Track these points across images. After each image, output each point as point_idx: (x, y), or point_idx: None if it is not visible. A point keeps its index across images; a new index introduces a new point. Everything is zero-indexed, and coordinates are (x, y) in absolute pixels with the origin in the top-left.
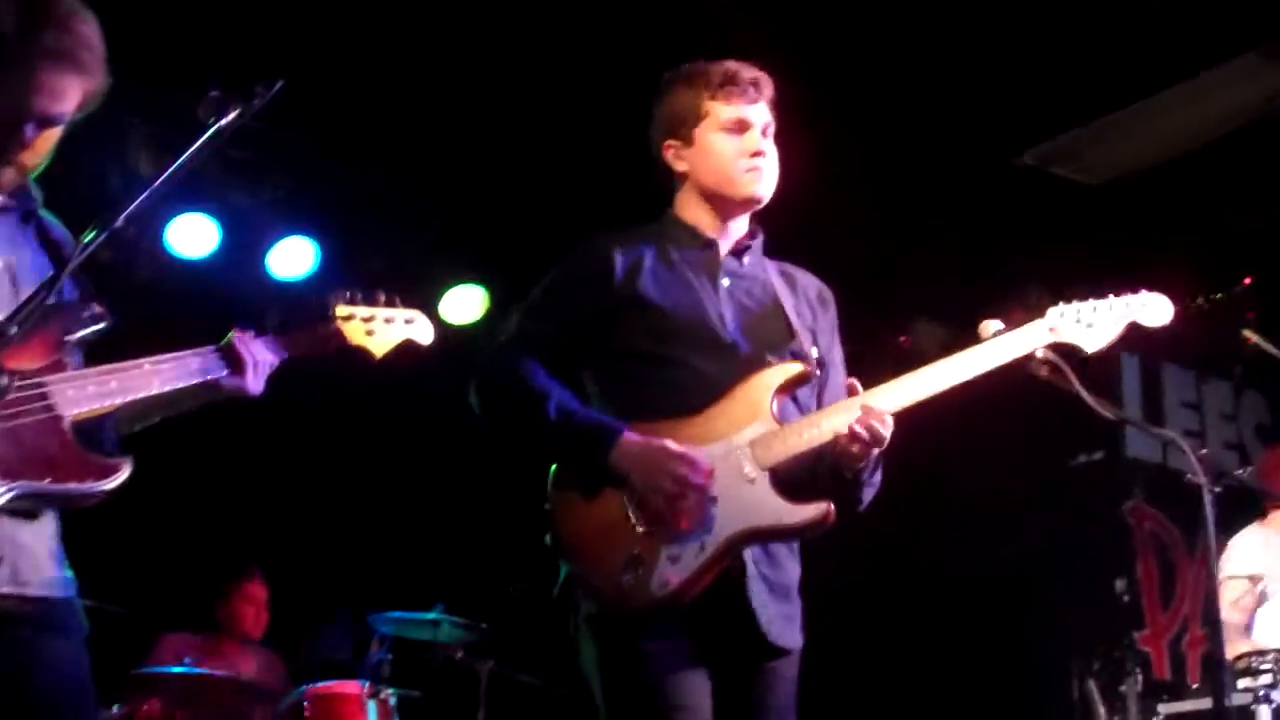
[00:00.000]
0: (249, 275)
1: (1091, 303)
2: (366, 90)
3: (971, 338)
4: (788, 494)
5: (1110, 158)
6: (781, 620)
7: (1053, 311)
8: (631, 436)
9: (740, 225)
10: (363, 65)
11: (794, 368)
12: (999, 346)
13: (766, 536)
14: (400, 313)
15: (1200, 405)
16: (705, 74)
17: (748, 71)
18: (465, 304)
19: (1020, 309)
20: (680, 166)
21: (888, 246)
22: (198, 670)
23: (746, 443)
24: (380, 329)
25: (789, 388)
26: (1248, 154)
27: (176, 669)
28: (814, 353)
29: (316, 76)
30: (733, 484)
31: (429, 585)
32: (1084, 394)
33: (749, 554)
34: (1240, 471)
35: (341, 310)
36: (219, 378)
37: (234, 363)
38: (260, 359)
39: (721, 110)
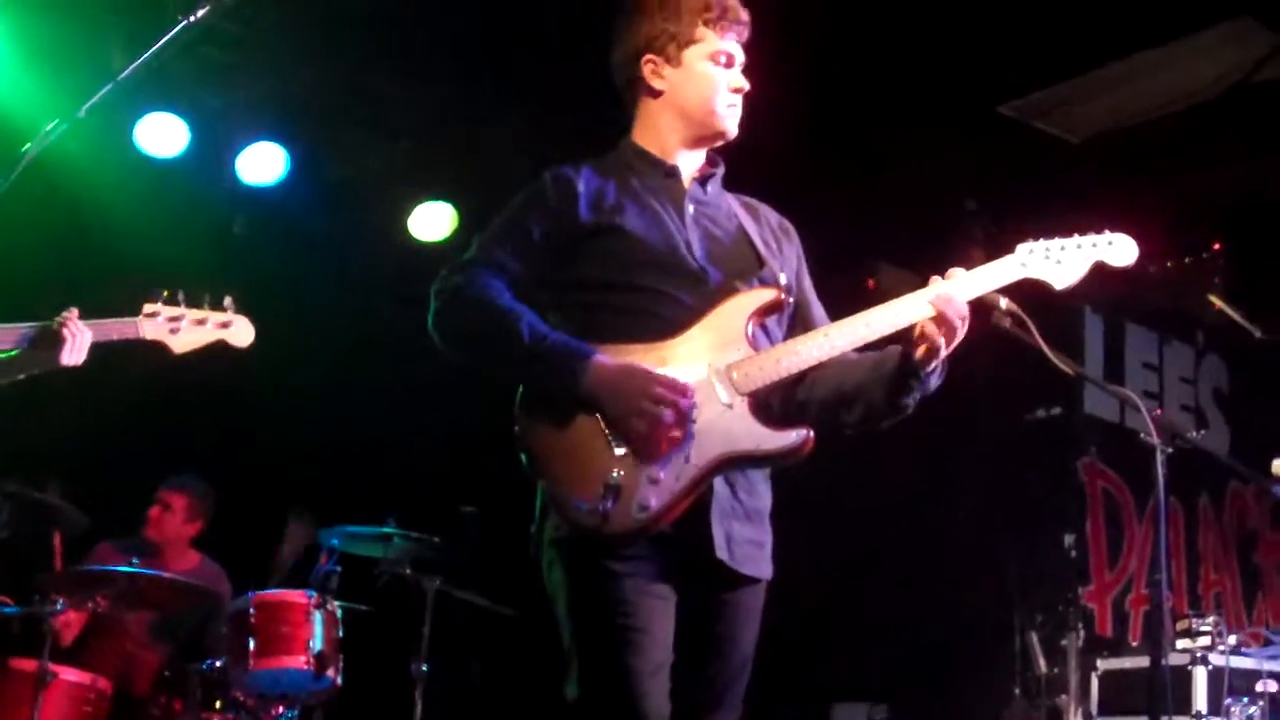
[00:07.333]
0: (217, 178)
1: (1059, 240)
2: None
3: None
4: (765, 420)
5: (1092, 114)
6: (747, 546)
7: (1022, 247)
8: (603, 359)
9: (699, 157)
10: None
11: (767, 293)
12: (981, 275)
13: (745, 462)
14: (215, 316)
15: (1160, 367)
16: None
17: (739, 5)
18: (434, 220)
19: (980, 250)
20: (658, 84)
21: (853, 189)
22: (147, 571)
23: (723, 368)
24: (186, 329)
25: (763, 314)
26: (1228, 119)
27: (125, 568)
28: (782, 279)
29: None
30: (711, 409)
31: (380, 499)
32: (1045, 348)
33: (723, 479)
34: (1194, 434)
35: (148, 308)
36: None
37: (50, 338)
38: (81, 338)
39: (715, 40)
